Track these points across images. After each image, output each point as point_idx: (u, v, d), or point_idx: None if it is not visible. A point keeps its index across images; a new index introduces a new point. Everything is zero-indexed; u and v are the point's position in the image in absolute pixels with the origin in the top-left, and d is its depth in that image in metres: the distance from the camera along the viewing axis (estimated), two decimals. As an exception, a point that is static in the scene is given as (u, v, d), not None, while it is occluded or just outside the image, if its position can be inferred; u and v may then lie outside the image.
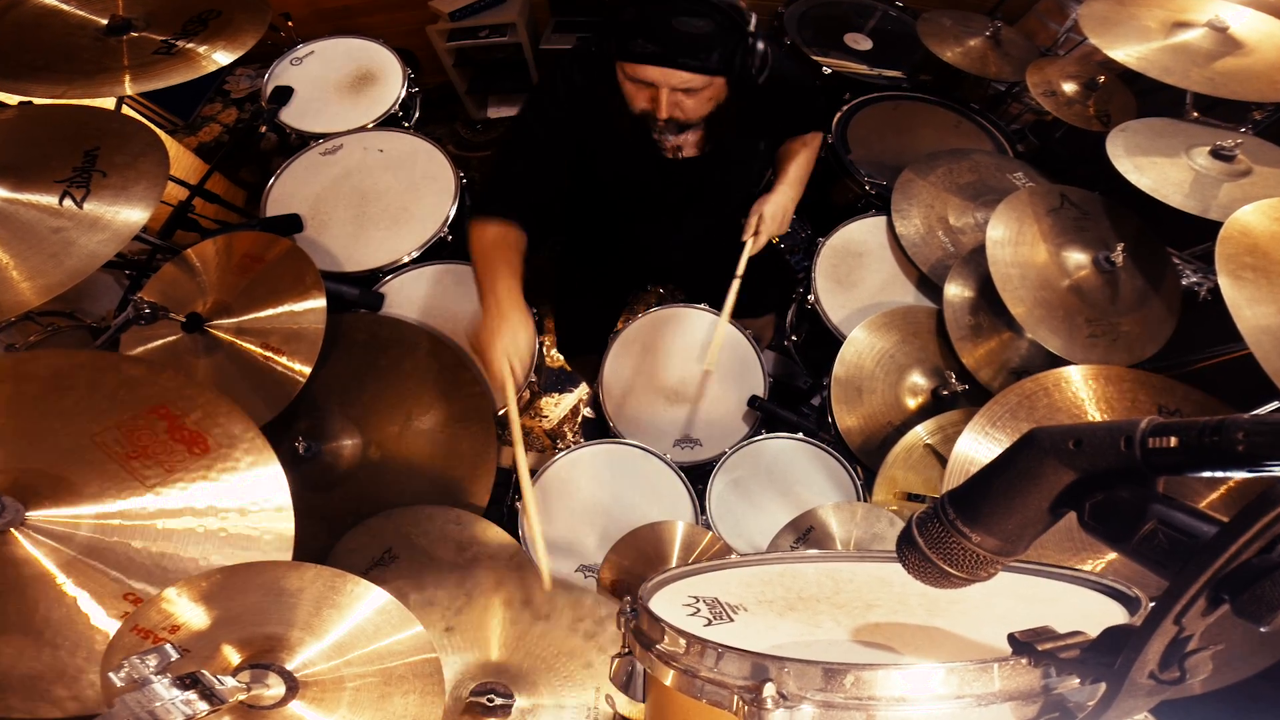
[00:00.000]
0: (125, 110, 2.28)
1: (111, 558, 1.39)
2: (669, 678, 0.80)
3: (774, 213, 2.35)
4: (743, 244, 2.34)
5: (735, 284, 2.33)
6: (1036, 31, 3.37)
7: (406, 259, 2.51)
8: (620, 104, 1.99)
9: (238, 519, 1.48)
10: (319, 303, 2.03)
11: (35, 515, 1.37)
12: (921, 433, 2.16)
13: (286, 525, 1.52)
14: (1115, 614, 0.87)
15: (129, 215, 1.86)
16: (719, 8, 1.73)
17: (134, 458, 1.46)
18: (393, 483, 2.10)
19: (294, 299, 2.04)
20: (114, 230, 1.83)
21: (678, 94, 1.86)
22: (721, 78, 1.86)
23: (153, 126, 2.06)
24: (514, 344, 1.95)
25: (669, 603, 1.02)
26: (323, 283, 2.06)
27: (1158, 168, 2.12)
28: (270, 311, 2.03)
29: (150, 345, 2.03)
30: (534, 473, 2.22)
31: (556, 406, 3.46)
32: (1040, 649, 0.65)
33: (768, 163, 2.43)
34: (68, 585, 1.36)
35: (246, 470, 1.53)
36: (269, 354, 1.98)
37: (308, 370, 1.97)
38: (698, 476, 2.25)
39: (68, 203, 1.83)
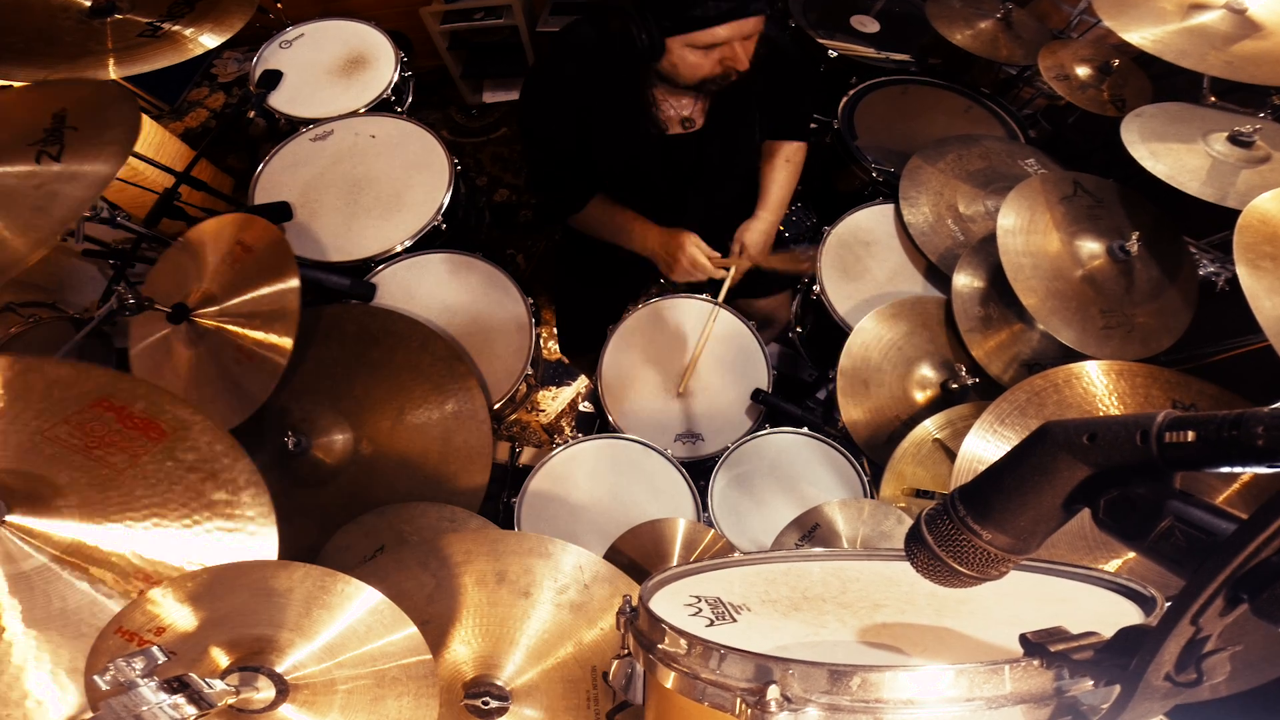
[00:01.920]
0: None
1: (107, 541, 1.39)
2: (670, 680, 0.80)
3: (758, 240, 2.40)
4: (725, 271, 2.38)
5: (715, 310, 2.43)
6: (1049, 13, 3.36)
7: (399, 248, 2.51)
8: (620, 88, 2.00)
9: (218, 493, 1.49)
10: (292, 282, 2.02)
11: (16, 518, 1.36)
12: (930, 427, 2.15)
13: (264, 495, 1.53)
14: (1130, 614, 0.87)
15: (110, 152, 1.86)
16: None
17: (95, 447, 1.45)
18: (385, 478, 2.10)
19: (270, 282, 2.04)
20: (98, 169, 1.84)
21: (746, 43, 1.88)
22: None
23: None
24: (686, 237, 2.24)
25: (670, 602, 1.02)
26: (295, 263, 2.05)
27: (1174, 154, 2.12)
28: (248, 295, 2.03)
29: (143, 341, 2.03)
30: (531, 468, 2.22)
31: (554, 400, 3.46)
32: (1053, 650, 0.64)
33: (764, 134, 2.43)
34: (64, 578, 1.35)
35: (208, 449, 1.52)
36: (249, 334, 1.98)
37: (288, 344, 1.96)
38: (699, 472, 2.25)
39: (45, 160, 1.82)
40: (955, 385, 2.23)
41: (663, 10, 1.78)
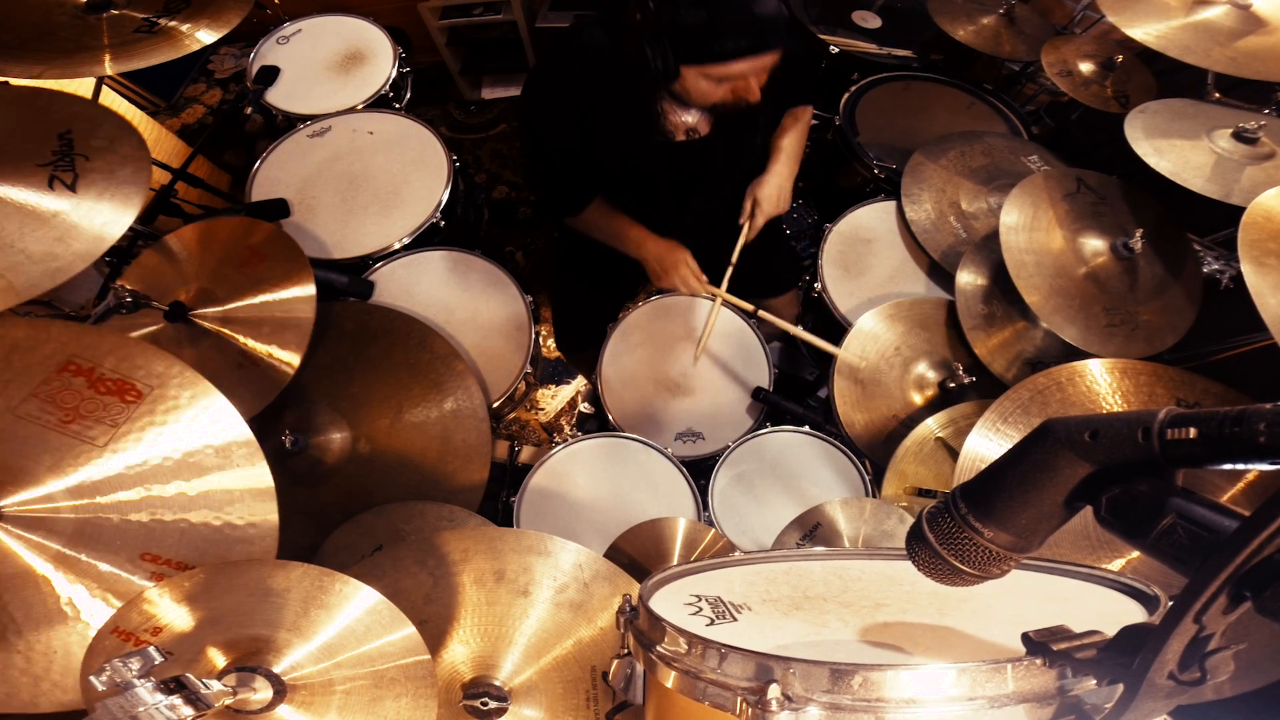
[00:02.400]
0: (105, 91, 2.27)
1: (107, 528, 1.38)
2: (670, 679, 0.80)
3: (770, 194, 2.36)
4: (739, 228, 2.36)
5: (729, 271, 2.39)
6: (1052, 9, 3.36)
7: (397, 245, 2.51)
8: (627, 95, 1.99)
9: (210, 456, 1.49)
10: (308, 290, 2.02)
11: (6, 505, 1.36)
12: (932, 425, 2.15)
13: (251, 441, 1.53)
14: (1133, 613, 0.87)
15: (125, 198, 1.88)
16: None
17: (69, 422, 1.43)
18: (383, 478, 2.10)
19: (282, 286, 2.03)
20: (116, 215, 1.86)
21: (761, 74, 1.88)
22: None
23: (133, 109, 2.06)
24: (681, 255, 2.30)
25: (670, 602, 1.02)
26: (312, 269, 2.05)
27: (1178, 150, 2.11)
28: (257, 299, 2.02)
29: (129, 335, 2.02)
30: (530, 467, 2.22)
31: (553, 399, 3.46)
32: (1055, 649, 0.65)
33: (768, 135, 2.43)
34: (66, 574, 1.35)
35: (189, 405, 1.50)
36: (257, 345, 1.97)
37: (296, 360, 1.95)
38: (700, 471, 2.25)
39: (58, 187, 1.83)
40: (953, 384, 2.23)
41: (681, 40, 1.77)
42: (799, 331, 2.34)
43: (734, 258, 2.37)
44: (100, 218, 1.83)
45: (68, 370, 1.48)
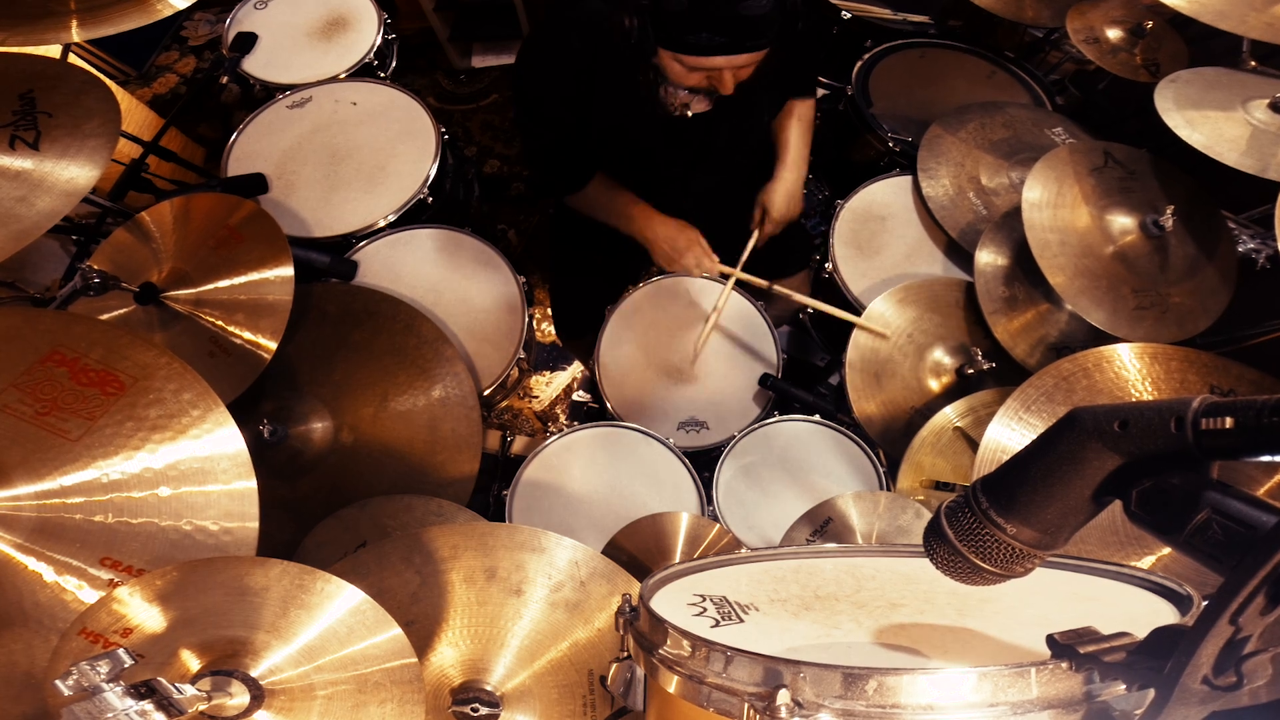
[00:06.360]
0: (72, 59, 2.26)
1: (70, 528, 1.38)
2: (673, 684, 0.80)
3: (778, 201, 2.41)
4: (749, 233, 2.39)
5: (732, 278, 2.40)
6: (1079, -29, 3.35)
7: (382, 223, 2.50)
8: (626, 68, 1.99)
9: (188, 446, 1.48)
10: (286, 271, 2.01)
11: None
12: (951, 415, 2.15)
13: (238, 444, 1.52)
14: (1164, 613, 0.87)
15: (93, 150, 1.89)
16: None
17: (45, 414, 1.43)
18: (367, 470, 2.10)
19: (258, 267, 2.02)
20: (83, 169, 1.86)
21: (739, 71, 1.90)
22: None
23: (102, 77, 2.04)
24: (693, 235, 2.34)
25: (672, 602, 1.02)
26: (290, 249, 2.04)
27: (1211, 122, 2.10)
28: (231, 281, 2.01)
29: (99, 319, 2.01)
30: (523, 459, 2.22)
31: (548, 386, 3.45)
32: (1082, 652, 0.64)
33: (772, 115, 2.43)
34: (31, 567, 1.35)
35: (174, 399, 1.50)
36: (231, 329, 1.97)
37: (273, 345, 1.95)
38: (704, 463, 2.25)
39: (20, 147, 1.83)
40: (972, 371, 2.23)
41: (660, 23, 1.79)
42: (816, 303, 2.36)
43: (742, 259, 2.38)
44: (66, 174, 1.84)
45: (51, 360, 1.48)
